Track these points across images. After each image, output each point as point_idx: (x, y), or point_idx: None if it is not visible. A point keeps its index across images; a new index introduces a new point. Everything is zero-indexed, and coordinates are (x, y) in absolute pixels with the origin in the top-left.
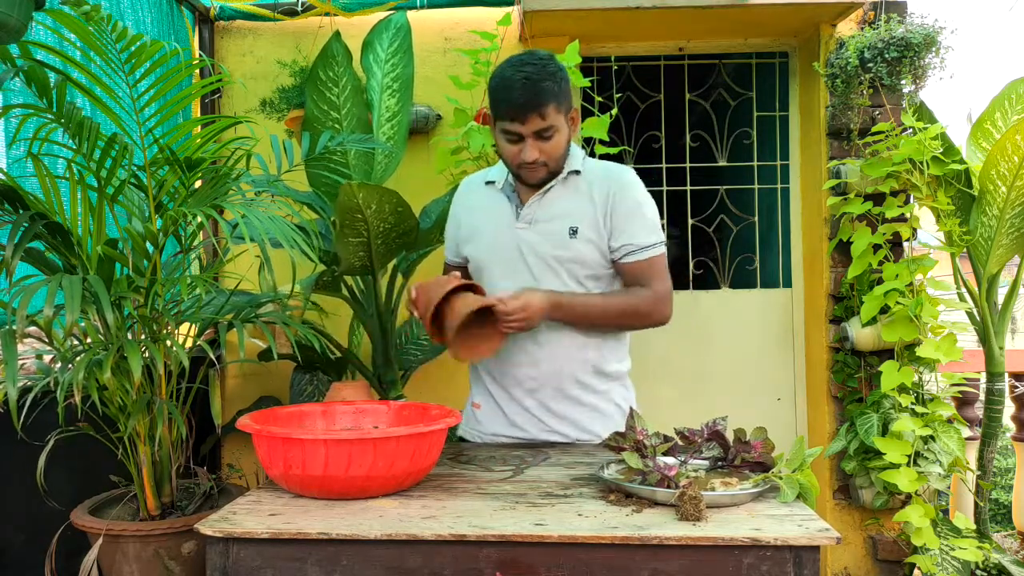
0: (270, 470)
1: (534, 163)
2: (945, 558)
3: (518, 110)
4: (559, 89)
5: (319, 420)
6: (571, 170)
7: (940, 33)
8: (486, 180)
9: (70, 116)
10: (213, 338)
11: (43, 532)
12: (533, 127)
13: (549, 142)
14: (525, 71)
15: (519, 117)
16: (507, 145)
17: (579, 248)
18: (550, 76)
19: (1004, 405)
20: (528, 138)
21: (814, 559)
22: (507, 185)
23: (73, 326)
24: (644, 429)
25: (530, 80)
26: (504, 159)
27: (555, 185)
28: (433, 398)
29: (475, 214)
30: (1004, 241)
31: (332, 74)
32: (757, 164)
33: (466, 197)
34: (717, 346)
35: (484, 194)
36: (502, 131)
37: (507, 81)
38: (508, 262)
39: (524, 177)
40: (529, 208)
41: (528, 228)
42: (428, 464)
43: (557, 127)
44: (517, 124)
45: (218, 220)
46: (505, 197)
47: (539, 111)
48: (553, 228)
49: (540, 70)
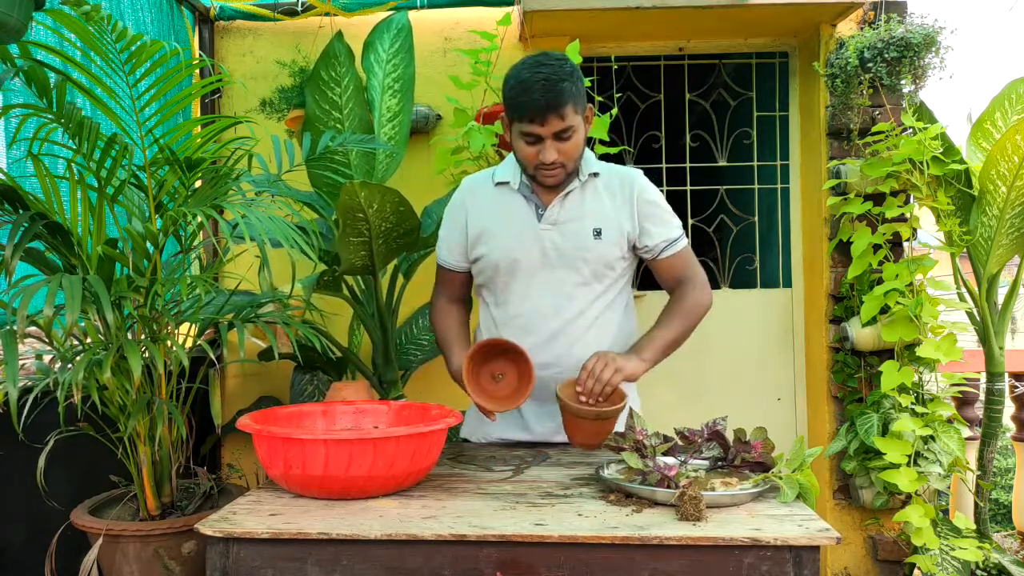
0: (270, 470)
1: (552, 164)
2: (945, 558)
3: (538, 111)
4: (576, 89)
5: (319, 420)
6: (590, 172)
7: (940, 33)
8: (495, 181)
9: (70, 116)
10: (213, 338)
11: (43, 532)
12: (552, 128)
13: (568, 143)
14: (543, 72)
15: (539, 118)
16: (525, 147)
17: (603, 248)
18: (568, 76)
19: (1004, 405)
20: (547, 139)
21: (814, 559)
22: (523, 186)
23: (73, 326)
24: (644, 429)
25: (549, 81)
26: (521, 161)
27: (575, 188)
28: (433, 398)
29: (487, 216)
30: (1004, 241)
31: (334, 74)
32: (757, 164)
33: (472, 200)
34: (717, 346)
35: (495, 195)
36: (520, 133)
37: (526, 83)
38: (531, 262)
39: (541, 179)
40: (552, 210)
41: (552, 229)
42: (428, 464)
43: (575, 127)
44: (536, 126)
45: (218, 220)
46: (523, 197)
47: (559, 112)
48: (577, 229)
49: (558, 70)
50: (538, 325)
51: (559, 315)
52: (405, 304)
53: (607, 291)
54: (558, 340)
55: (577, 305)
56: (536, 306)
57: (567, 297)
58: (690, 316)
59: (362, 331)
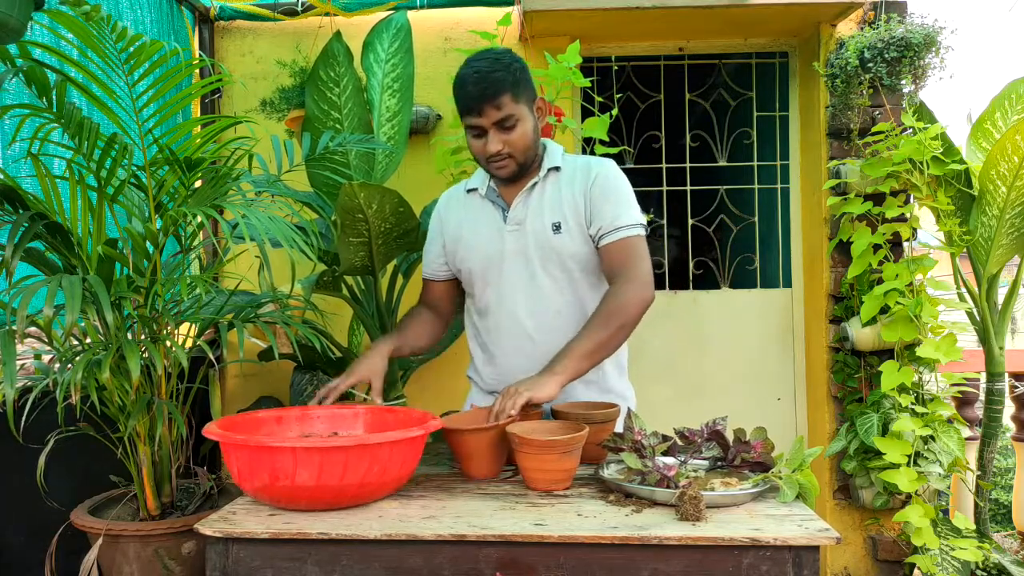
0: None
1: (499, 155)
2: (945, 558)
3: (474, 103)
4: (514, 79)
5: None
6: (551, 166)
7: (940, 33)
8: (467, 189)
9: (70, 116)
10: (213, 338)
11: (43, 532)
12: (491, 118)
13: (512, 133)
14: (476, 66)
15: (476, 109)
16: (474, 141)
17: (564, 242)
18: (503, 67)
19: (1004, 405)
20: (490, 130)
21: (814, 559)
22: (490, 190)
23: (73, 326)
24: (642, 429)
25: (480, 73)
26: (476, 157)
27: (537, 183)
28: (433, 398)
29: (460, 226)
30: (1004, 241)
31: (333, 74)
32: (757, 164)
33: (447, 212)
34: (717, 346)
35: (466, 203)
36: (467, 128)
37: (461, 78)
38: (503, 267)
39: (494, 172)
40: (515, 210)
41: (518, 229)
42: (393, 476)
43: (518, 117)
44: (475, 117)
45: (218, 220)
46: (490, 203)
47: (493, 102)
48: (538, 226)
49: (492, 63)
50: (515, 327)
51: (534, 316)
52: (405, 304)
53: (578, 286)
54: (536, 341)
55: (552, 304)
56: (512, 309)
57: (541, 297)
58: (614, 319)
59: (362, 331)
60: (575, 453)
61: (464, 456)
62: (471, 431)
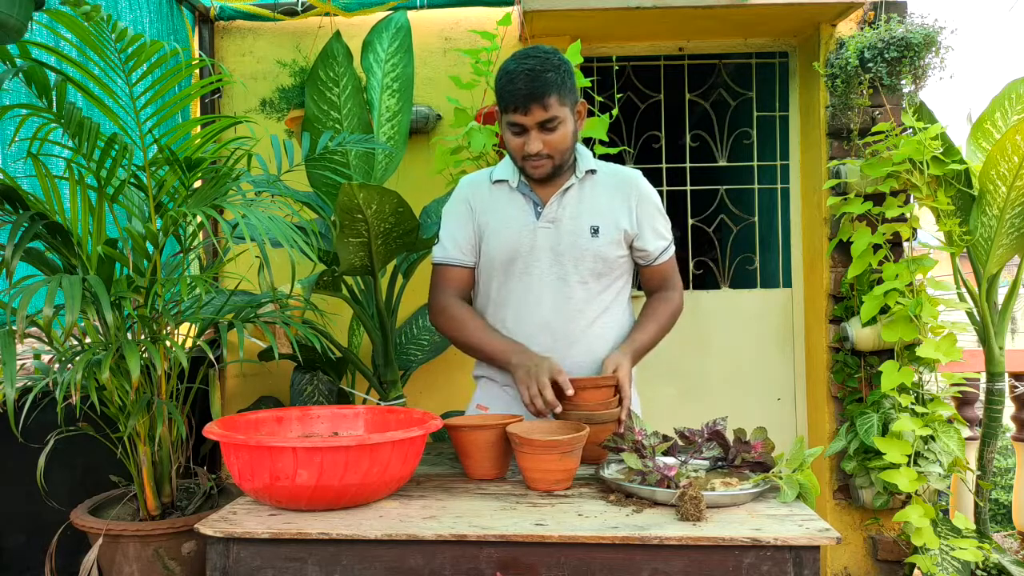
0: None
1: (538, 155)
2: (945, 558)
3: (521, 100)
4: (562, 81)
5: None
6: (587, 169)
7: (940, 33)
8: (493, 179)
9: (70, 116)
10: (213, 338)
11: (43, 532)
12: (536, 118)
13: (553, 134)
14: (528, 63)
15: (522, 107)
16: (513, 138)
17: (600, 246)
18: (553, 68)
19: (1004, 405)
20: (532, 130)
21: (814, 559)
22: (522, 184)
23: (73, 326)
24: (642, 429)
25: (532, 71)
26: (511, 153)
27: (573, 184)
28: (433, 398)
29: (486, 213)
30: (1004, 241)
31: (332, 74)
32: (757, 164)
33: (473, 196)
34: (717, 346)
35: (494, 193)
36: (508, 124)
37: (511, 73)
38: (528, 260)
39: (528, 171)
40: (550, 207)
41: (552, 227)
42: (392, 476)
43: (561, 119)
44: (520, 115)
45: (218, 220)
46: (521, 195)
47: (541, 102)
48: (575, 227)
49: (543, 62)
50: (538, 320)
51: (558, 314)
52: (405, 304)
53: (605, 290)
54: (557, 340)
55: (575, 304)
56: (537, 302)
57: (566, 296)
58: (668, 322)
59: (362, 331)
60: (575, 453)
61: (466, 455)
62: (477, 427)
